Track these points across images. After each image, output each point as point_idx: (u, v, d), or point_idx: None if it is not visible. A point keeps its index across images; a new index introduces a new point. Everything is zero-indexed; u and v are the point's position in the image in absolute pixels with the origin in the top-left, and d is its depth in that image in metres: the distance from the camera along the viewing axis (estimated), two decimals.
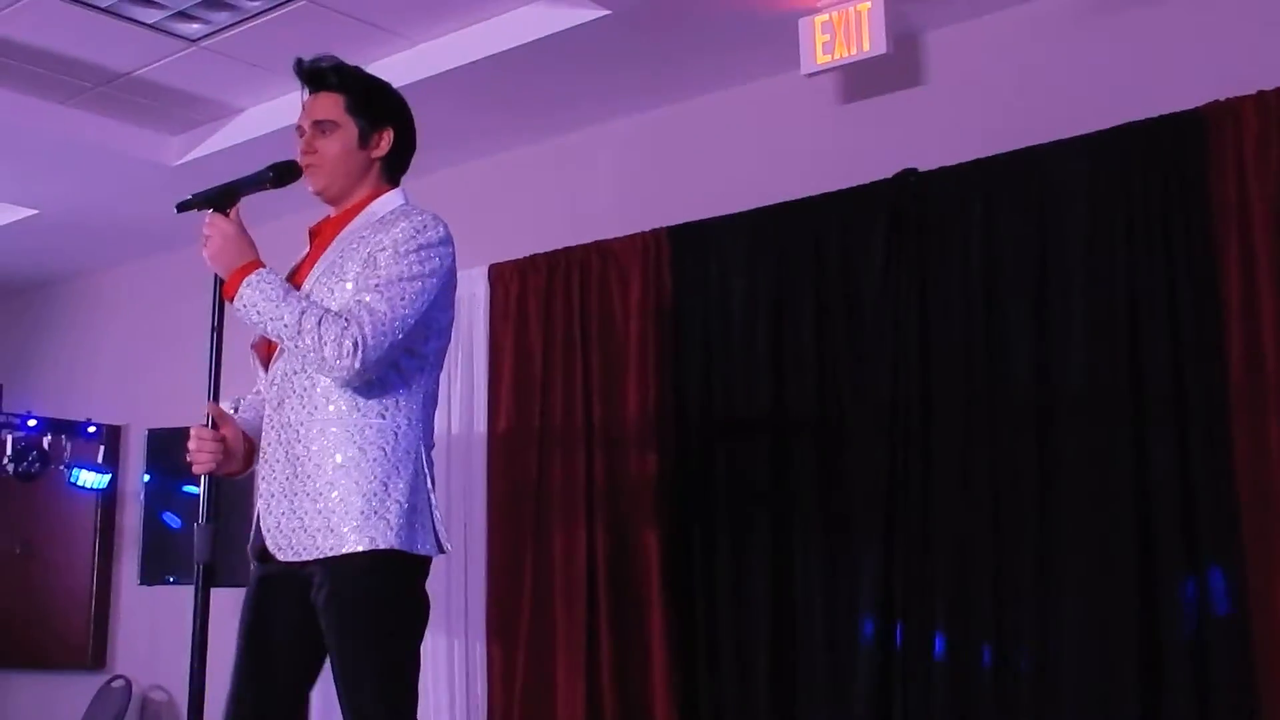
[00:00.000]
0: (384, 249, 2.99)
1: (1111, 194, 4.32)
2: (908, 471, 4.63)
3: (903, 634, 4.57)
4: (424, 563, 3.06)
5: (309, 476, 2.96)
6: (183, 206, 3.06)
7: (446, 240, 3.09)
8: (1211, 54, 4.28)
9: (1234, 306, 4.04)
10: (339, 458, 2.96)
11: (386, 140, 3.21)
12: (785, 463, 4.95)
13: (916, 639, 4.53)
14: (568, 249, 5.61)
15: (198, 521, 2.92)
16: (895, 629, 4.59)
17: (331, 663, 3.00)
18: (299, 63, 3.22)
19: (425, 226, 3.05)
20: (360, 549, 2.91)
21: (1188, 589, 4.03)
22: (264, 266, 2.99)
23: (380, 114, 3.21)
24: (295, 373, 3.03)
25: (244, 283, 2.95)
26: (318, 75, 3.21)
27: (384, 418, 3.00)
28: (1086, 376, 4.30)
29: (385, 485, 2.95)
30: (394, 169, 3.26)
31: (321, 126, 3.17)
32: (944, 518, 4.53)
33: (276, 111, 5.58)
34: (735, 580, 5.00)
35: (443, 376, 5.71)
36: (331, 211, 3.23)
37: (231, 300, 2.96)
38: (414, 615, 3.05)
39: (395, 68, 5.17)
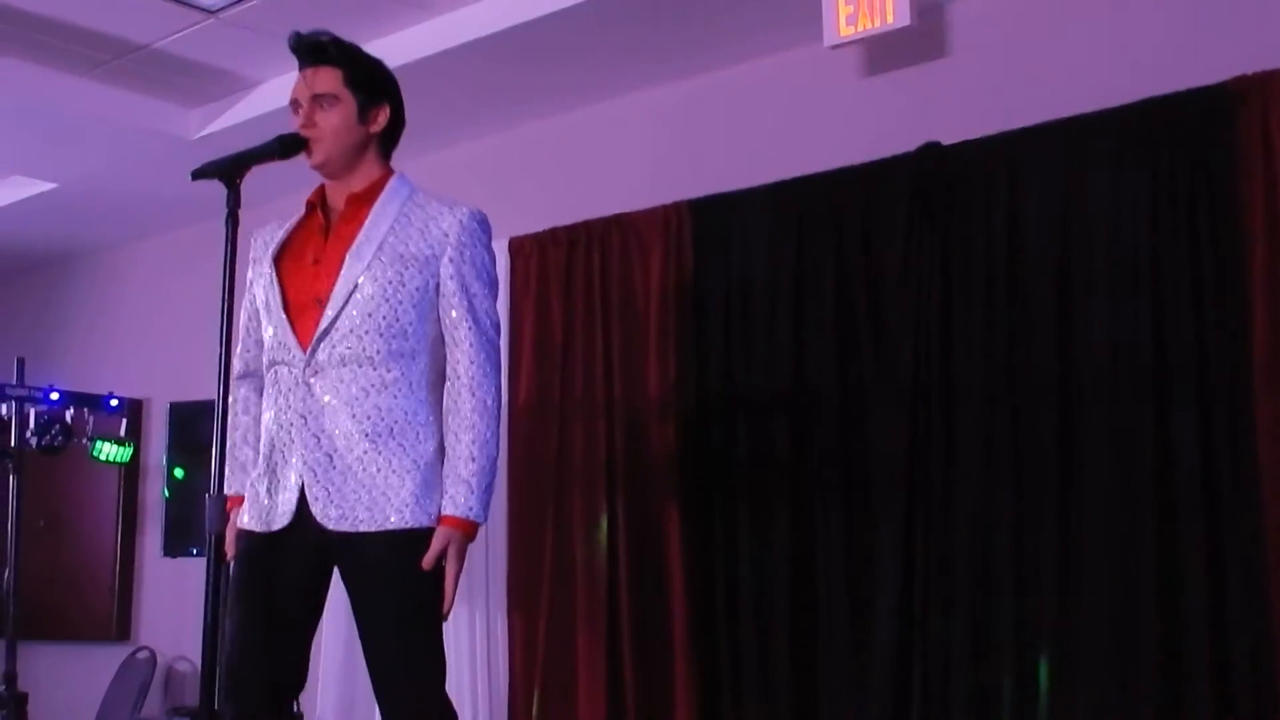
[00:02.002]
0: (464, 263, 3.17)
1: (1137, 168, 4.28)
2: (929, 446, 4.61)
3: (923, 609, 4.56)
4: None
5: (360, 453, 3.05)
6: (197, 174, 3.08)
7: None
8: (1239, 27, 4.23)
9: (1259, 282, 4.00)
10: (390, 439, 3.07)
11: (384, 116, 3.24)
12: (806, 437, 4.93)
13: (937, 615, 4.52)
14: (588, 222, 5.59)
15: (208, 492, 2.94)
16: (915, 605, 4.58)
17: (363, 630, 3.10)
18: (296, 36, 3.24)
19: (489, 232, 3.25)
20: (406, 525, 3.04)
21: (1209, 566, 4.01)
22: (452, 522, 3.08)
23: (379, 89, 3.25)
24: (344, 347, 3.08)
25: (476, 522, 3.10)
26: (317, 49, 3.22)
27: (410, 395, 3.12)
28: (1109, 352, 4.27)
29: (416, 463, 3.08)
30: (388, 146, 3.31)
31: (321, 100, 3.20)
32: (965, 493, 4.51)
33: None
34: (755, 553, 4.99)
35: None
36: (328, 183, 3.26)
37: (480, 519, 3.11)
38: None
39: (416, 39, 5.17)
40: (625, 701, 5.20)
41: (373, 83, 3.24)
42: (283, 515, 3.10)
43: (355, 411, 3.07)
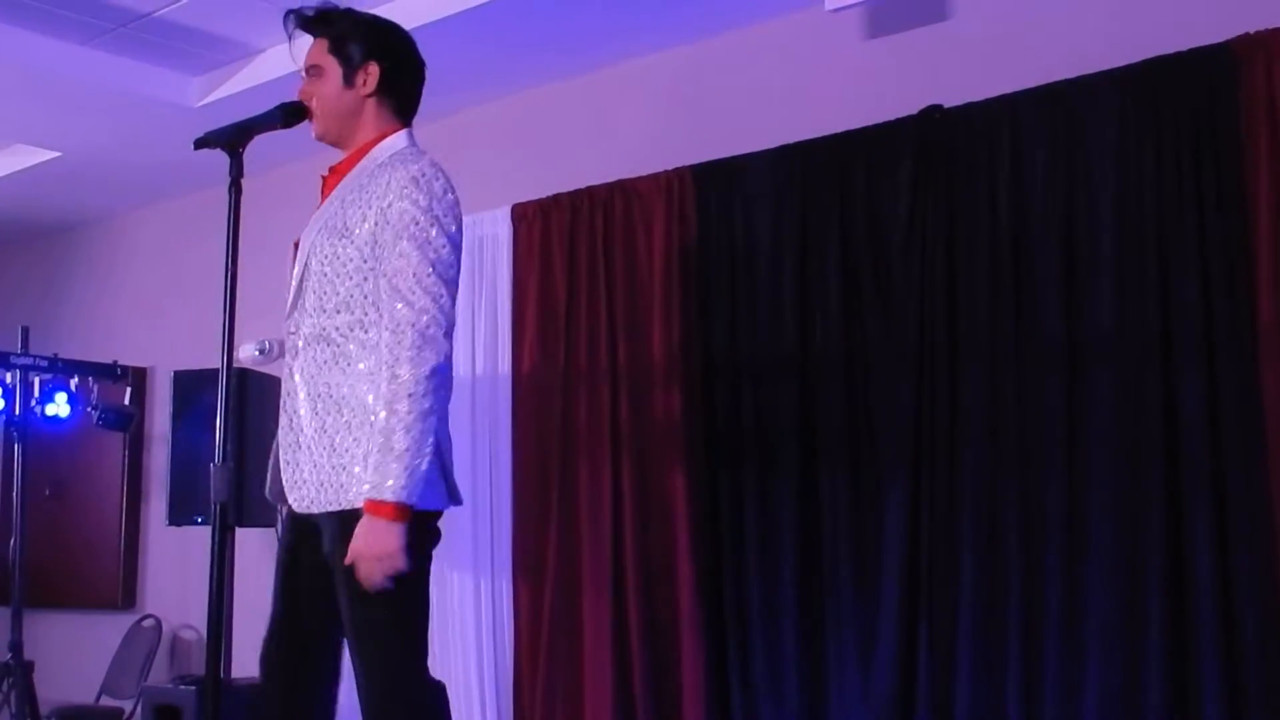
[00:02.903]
0: (386, 225, 3.00)
1: (1141, 129, 4.26)
2: (934, 412, 4.60)
3: (929, 577, 4.56)
4: (424, 517, 3.05)
5: (314, 431, 3.04)
6: (200, 143, 3.09)
7: (449, 190, 3.09)
8: None
9: (1263, 244, 3.99)
10: (339, 415, 3.03)
11: (373, 76, 3.19)
12: (811, 403, 4.93)
13: (943, 584, 4.53)
14: (591, 188, 5.58)
15: (213, 462, 2.95)
16: (921, 571, 4.58)
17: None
18: (288, 15, 3.24)
19: (433, 189, 3.04)
20: (353, 505, 2.97)
21: (1216, 534, 4.01)
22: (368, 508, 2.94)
23: (362, 50, 3.19)
24: (305, 326, 3.10)
25: (404, 504, 2.91)
26: (305, 22, 3.23)
27: (363, 371, 3.05)
28: (1115, 317, 4.26)
29: (363, 440, 2.99)
30: (396, 106, 3.24)
31: (310, 72, 3.22)
32: (971, 459, 4.51)
33: (298, 52, 5.55)
34: (761, 521, 4.99)
35: (465, 317, 5.78)
36: (340, 156, 3.25)
37: (409, 502, 2.93)
38: (412, 568, 2.99)
39: (417, 6, 5.15)
40: (631, 669, 5.21)
41: (356, 45, 3.20)
42: (278, 492, 3.15)
43: (310, 390, 3.07)
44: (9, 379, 6.24)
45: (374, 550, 2.89)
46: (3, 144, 7.05)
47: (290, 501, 3.06)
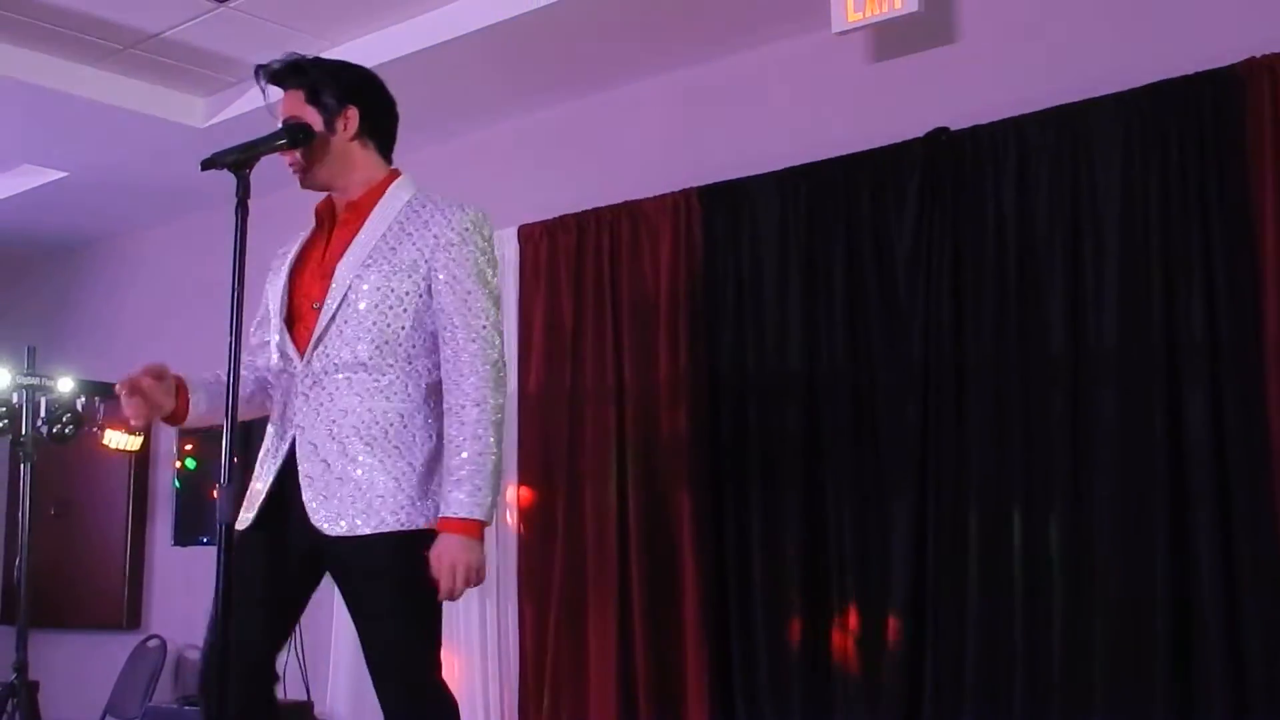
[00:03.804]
0: (452, 263, 3.11)
1: (1146, 152, 4.27)
2: (940, 431, 4.61)
3: (936, 593, 4.56)
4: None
5: (352, 456, 3.07)
6: (206, 164, 3.10)
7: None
8: (1248, 10, 4.22)
9: (1269, 264, 4.00)
10: (385, 442, 3.08)
11: (352, 120, 3.22)
12: (817, 422, 4.93)
13: (948, 600, 4.52)
14: (597, 209, 5.59)
15: (219, 482, 2.95)
16: (928, 588, 4.58)
17: (364, 636, 3.13)
18: (257, 70, 3.29)
19: (485, 232, 3.19)
20: (402, 527, 3.04)
21: (1222, 546, 4.00)
22: (455, 526, 3.03)
23: (337, 96, 3.22)
24: (340, 354, 3.11)
25: (482, 524, 3.05)
26: (276, 76, 3.27)
27: (407, 399, 3.11)
28: (1120, 336, 4.27)
29: (412, 465, 3.08)
30: (378, 145, 3.29)
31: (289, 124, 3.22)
32: (977, 478, 4.51)
33: None
34: (767, 540, 4.99)
35: None
36: (336, 194, 3.27)
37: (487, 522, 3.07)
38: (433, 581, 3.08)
39: (422, 29, 5.17)
40: (637, 691, 5.21)
41: (332, 91, 3.22)
42: (268, 512, 3.15)
43: (351, 418, 3.09)
44: (15, 399, 6.25)
45: (467, 564, 3.02)
46: (10, 164, 7.06)
47: (317, 524, 3.06)
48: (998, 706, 4.38)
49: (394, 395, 3.10)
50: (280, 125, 3.22)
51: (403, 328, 3.11)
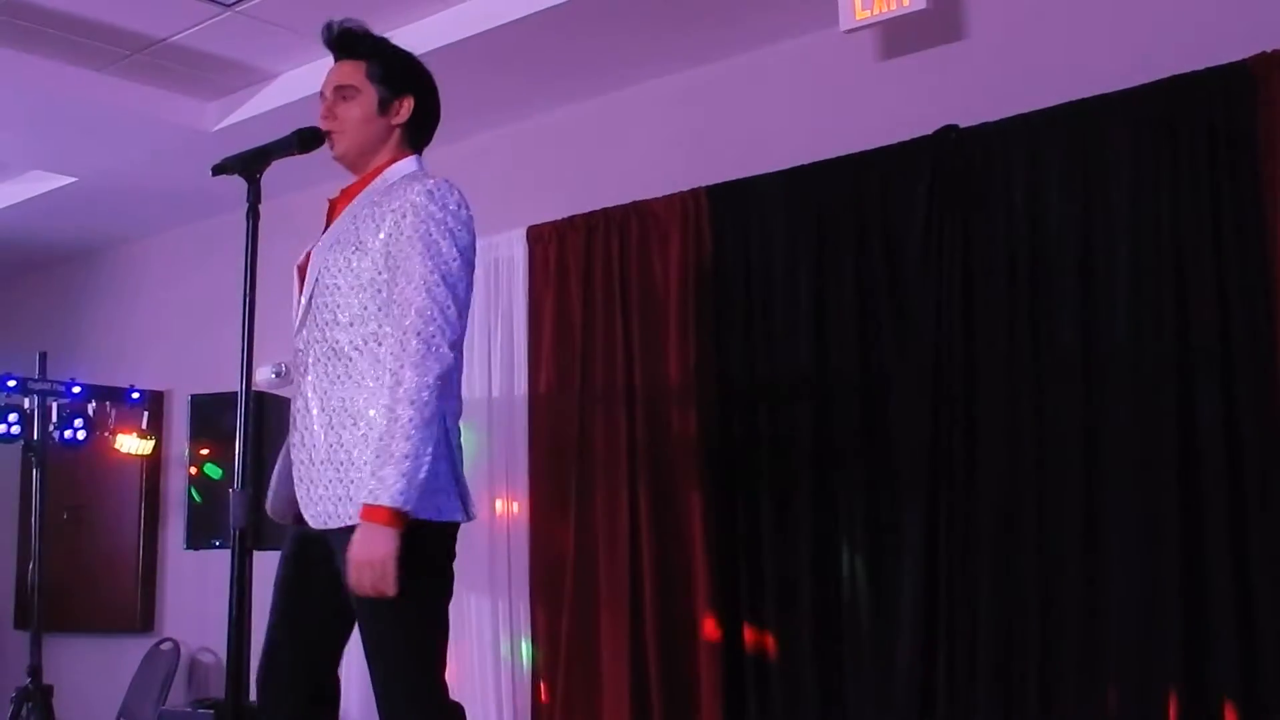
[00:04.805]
0: (400, 238, 2.99)
1: (1157, 148, 4.25)
2: (951, 430, 4.60)
3: (948, 594, 4.55)
4: (442, 529, 3.05)
5: (328, 446, 3.01)
6: (217, 169, 3.10)
7: (462, 205, 3.09)
8: (1259, 5, 4.20)
9: None
10: (355, 429, 3.00)
11: (406, 108, 3.22)
12: (827, 422, 4.93)
13: (961, 602, 4.51)
14: (606, 210, 5.59)
15: (233, 487, 2.95)
16: (940, 589, 4.57)
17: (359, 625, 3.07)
18: (325, 29, 3.24)
19: (446, 203, 3.04)
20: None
21: (1235, 547, 3.99)
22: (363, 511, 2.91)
23: (401, 81, 3.22)
24: (316, 342, 3.08)
25: (399, 510, 2.87)
26: (344, 41, 3.23)
27: (377, 381, 3.01)
28: (1131, 334, 4.25)
29: None
30: (415, 138, 3.28)
31: (343, 92, 3.21)
32: (988, 477, 4.50)
33: (313, 76, 5.50)
34: (778, 540, 4.98)
35: (482, 338, 5.79)
36: (349, 181, 3.26)
37: (405, 509, 2.88)
38: (428, 582, 3.00)
39: (432, 29, 5.17)
40: (649, 693, 5.20)
41: (396, 75, 3.22)
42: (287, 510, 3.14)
43: (324, 406, 3.04)
44: (27, 404, 6.27)
45: (365, 556, 2.85)
46: (20, 170, 7.08)
47: (306, 518, 3.04)
48: (1011, 709, 4.37)
49: (362, 379, 3.02)
50: (334, 88, 3.19)
51: (365, 309, 3.04)
